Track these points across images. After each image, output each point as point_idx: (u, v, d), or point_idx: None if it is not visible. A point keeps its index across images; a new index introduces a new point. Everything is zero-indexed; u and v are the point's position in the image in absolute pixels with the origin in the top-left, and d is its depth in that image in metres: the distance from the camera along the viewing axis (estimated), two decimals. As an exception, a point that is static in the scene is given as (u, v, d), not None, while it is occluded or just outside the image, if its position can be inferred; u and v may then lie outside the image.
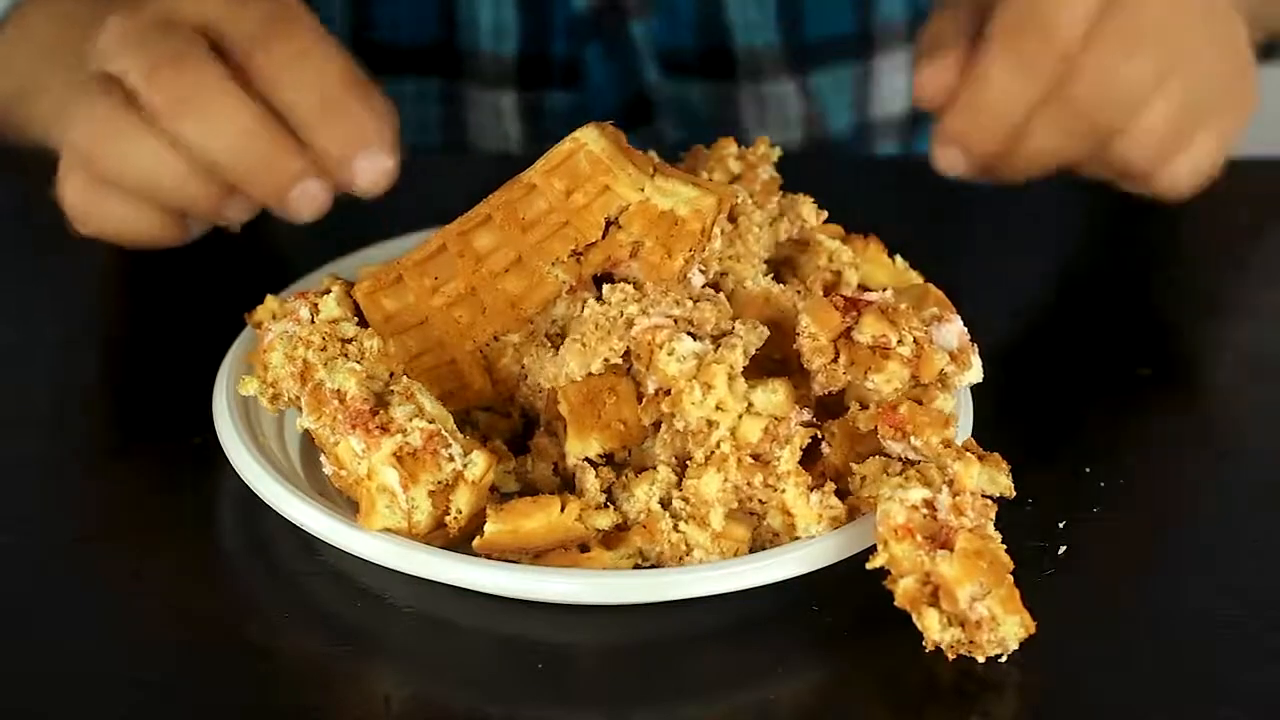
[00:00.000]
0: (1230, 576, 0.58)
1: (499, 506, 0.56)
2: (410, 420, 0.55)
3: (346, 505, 0.57)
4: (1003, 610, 0.52)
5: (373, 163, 0.66)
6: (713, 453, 0.56)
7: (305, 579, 0.57)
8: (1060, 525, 0.60)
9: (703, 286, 0.59)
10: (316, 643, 0.55)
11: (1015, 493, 0.56)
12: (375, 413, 0.55)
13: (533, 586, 0.54)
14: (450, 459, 0.55)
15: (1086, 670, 0.54)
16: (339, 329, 0.59)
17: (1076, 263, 0.79)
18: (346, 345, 0.58)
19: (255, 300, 0.63)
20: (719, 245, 0.60)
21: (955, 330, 0.58)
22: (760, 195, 0.64)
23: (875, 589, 0.53)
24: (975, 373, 0.58)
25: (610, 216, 0.58)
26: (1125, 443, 0.66)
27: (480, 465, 0.55)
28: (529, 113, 0.98)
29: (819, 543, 0.55)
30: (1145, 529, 0.61)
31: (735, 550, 0.56)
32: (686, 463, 0.57)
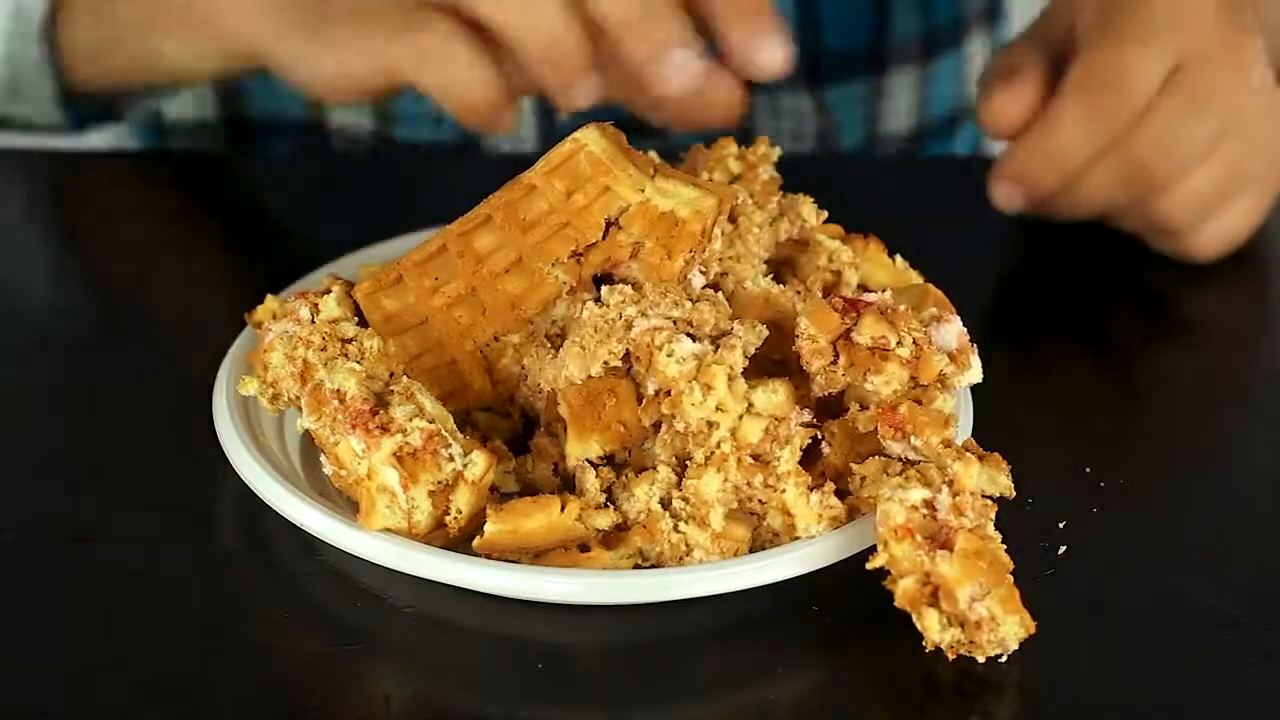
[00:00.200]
0: (1230, 576, 0.58)
1: (499, 506, 0.55)
2: (410, 420, 0.55)
3: (346, 505, 0.57)
4: (1003, 610, 0.52)
5: (775, 45, 0.68)
6: (713, 453, 0.56)
7: (305, 579, 0.57)
8: (1060, 525, 0.60)
9: (703, 288, 0.59)
10: (316, 643, 0.55)
11: (1015, 493, 0.56)
12: (375, 413, 0.55)
13: (533, 586, 0.54)
14: (450, 459, 0.55)
15: (1086, 670, 0.54)
16: (339, 329, 0.59)
17: (1077, 262, 0.79)
18: (346, 345, 0.58)
19: (255, 300, 0.63)
20: (719, 246, 0.60)
21: (954, 330, 0.58)
22: (760, 195, 0.64)
23: (875, 589, 0.53)
24: (975, 373, 0.58)
25: (610, 217, 0.58)
26: (1125, 443, 0.66)
27: (480, 465, 0.55)
28: (544, 112, 0.97)
29: (819, 543, 0.55)
30: (1145, 529, 0.61)
31: (735, 550, 0.56)
32: (686, 463, 0.57)
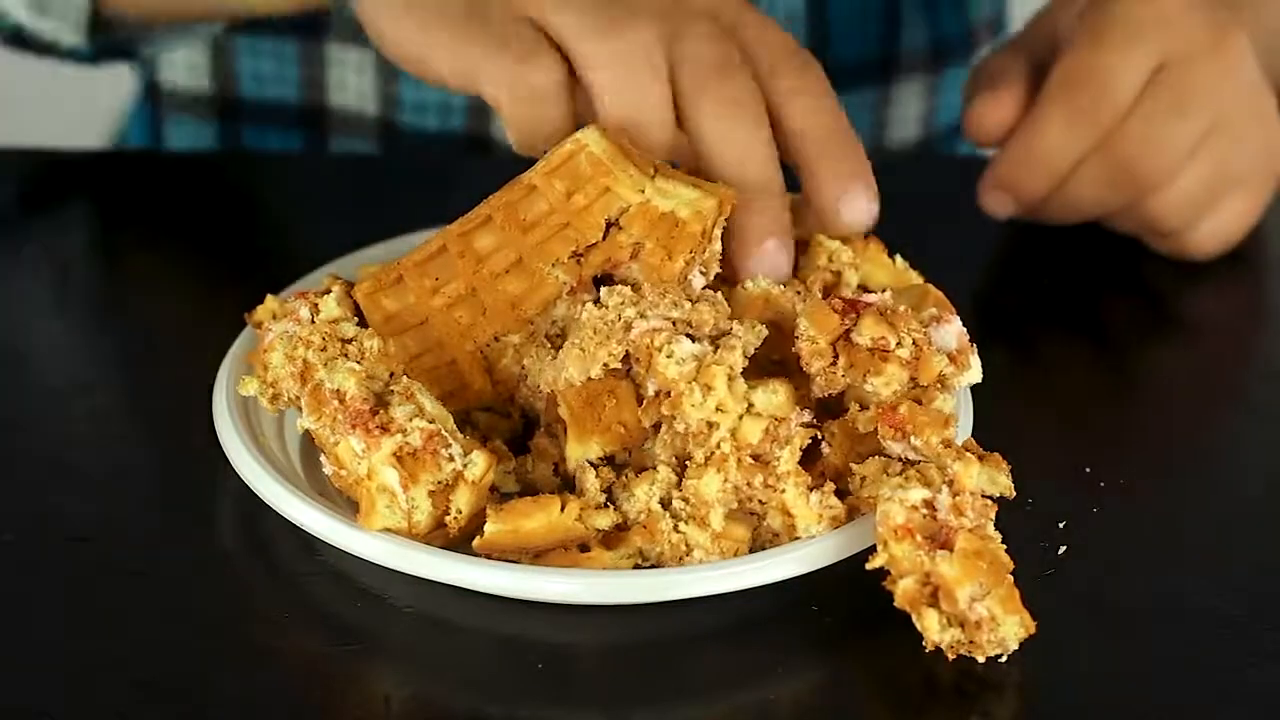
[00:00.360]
0: (1230, 576, 0.58)
1: (499, 506, 0.55)
2: (410, 420, 0.55)
3: (346, 505, 0.57)
4: (1003, 610, 0.52)
5: (862, 202, 0.64)
6: (713, 453, 0.56)
7: (305, 579, 0.57)
8: (1060, 525, 0.60)
9: (703, 288, 0.59)
10: (316, 643, 0.55)
11: (1015, 493, 0.56)
12: (375, 413, 0.55)
13: (533, 586, 0.54)
14: (450, 459, 0.55)
15: (1086, 670, 0.54)
16: (339, 329, 0.59)
17: (1077, 262, 0.79)
18: (346, 345, 0.58)
19: (255, 300, 0.63)
20: (719, 246, 0.60)
21: (954, 331, 0.58)
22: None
23: (875, 589, 0.53)
24: (974, 373, 0.58)
25: (611, 218, 0.58)
26: (1125, 442, 0.66)
27: (480, 465, 0.55)
28: None
29: (819, 543, 0.55)
30: (1145, 529, 0.61)
31: (735, 550, 0.56)
32: (686, 463, 0.57)
